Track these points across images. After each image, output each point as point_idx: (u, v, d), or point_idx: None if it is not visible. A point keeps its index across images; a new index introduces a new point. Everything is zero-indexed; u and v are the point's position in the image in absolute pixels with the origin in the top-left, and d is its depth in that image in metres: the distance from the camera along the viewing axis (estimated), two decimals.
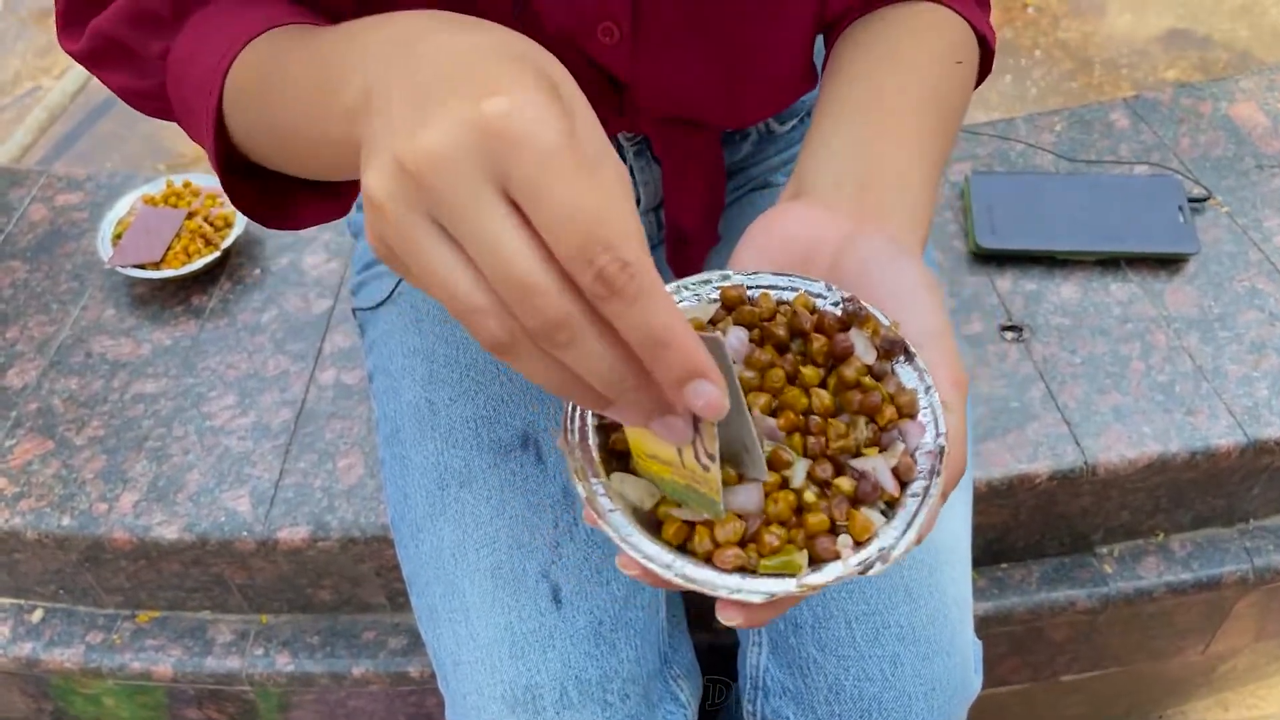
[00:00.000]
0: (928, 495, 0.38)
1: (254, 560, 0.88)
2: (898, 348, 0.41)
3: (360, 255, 0.84)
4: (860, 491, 0.38)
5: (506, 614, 0.66)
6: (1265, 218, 1.01)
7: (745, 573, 0.36)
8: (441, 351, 0.75)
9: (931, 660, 0.67)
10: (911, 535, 0.37)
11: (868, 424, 0.40)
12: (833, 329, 0.42)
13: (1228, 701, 1.38)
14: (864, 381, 0.41)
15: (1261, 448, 0.86)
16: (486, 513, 0.69)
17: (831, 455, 0.39)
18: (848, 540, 0.37)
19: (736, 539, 0.37)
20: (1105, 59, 2.35)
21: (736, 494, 0.38)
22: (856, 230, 0.46)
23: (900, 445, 0.39)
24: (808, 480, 0.39)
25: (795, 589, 0.36)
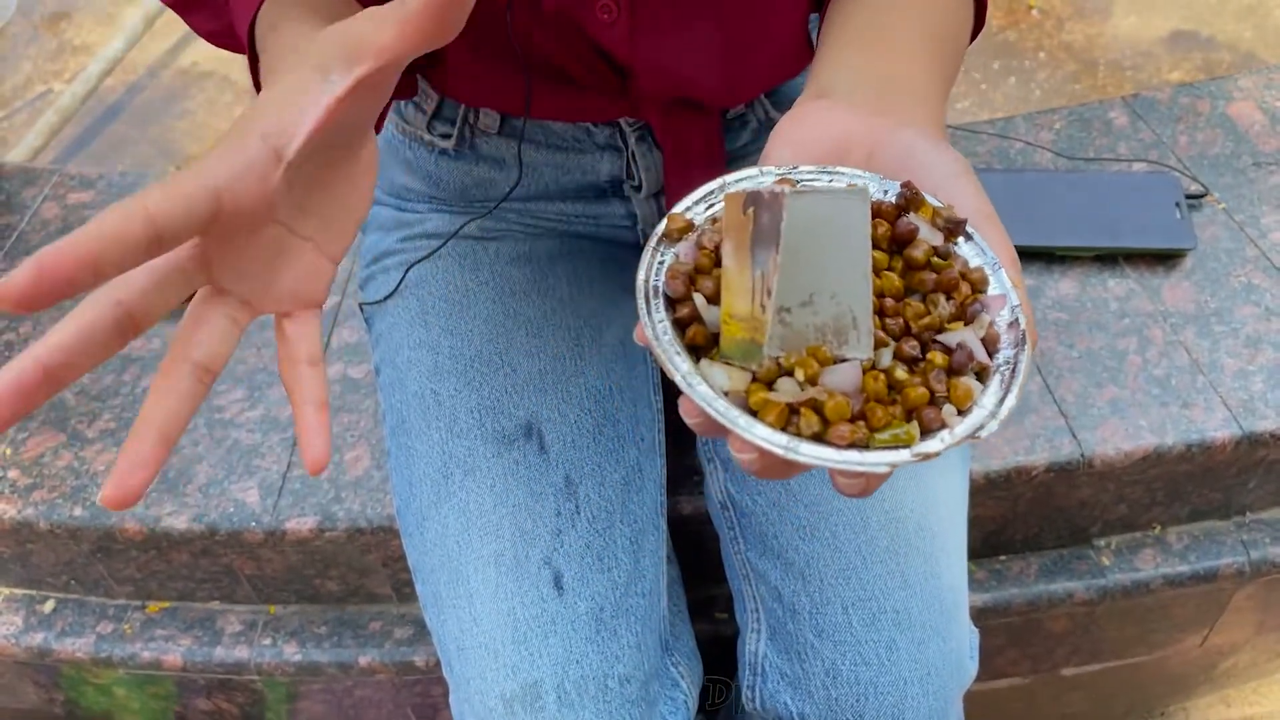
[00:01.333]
0: (1019, 362, 0.38)
1: (262, 551, 0.90)
2: (960, 228, 0.42)
3: (368, 250, 0.86)
4: (956, 361, 0.38)
5: (509, 600, 0.67)
6: (1262, 214, 1.02)
7: (859, 448, 0.36)
8: (446, 344, 0.76)
9: (927, 645, 0.68)
10: (1012, 399, 0.37)
11: (948, 300, 0.40)
12: (891, 214, 0.42)
13: (1229, 698, 1.38)
14: (934, 261, 0.41)
15: (1257, 440, 0.86)
16: (490, 501, 0.70)
17: (917, 334, 0.39)
18: (951, 409, 0.37)
19: (846, 415, 0.36)
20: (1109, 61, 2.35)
21: (834, 374, 0.38)
22: (886, 125, 0.46)
23: (986, 317, 0.40)
24: (896, 360, 0.39)
25: (911, 458, 0.36)
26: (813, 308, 0.39)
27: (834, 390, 0.37)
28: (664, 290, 0.40)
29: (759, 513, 0.74)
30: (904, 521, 0.70)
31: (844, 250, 0.38)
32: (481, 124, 0.75)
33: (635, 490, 0.74)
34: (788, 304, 0.38)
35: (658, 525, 0.76)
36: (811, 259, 0.39)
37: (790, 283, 0.38)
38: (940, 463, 0.73)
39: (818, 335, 0.39)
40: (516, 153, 0.74)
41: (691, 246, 0.42)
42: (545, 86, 0.70)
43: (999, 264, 0.41)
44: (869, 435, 0.36)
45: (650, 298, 0.40)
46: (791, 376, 0.38)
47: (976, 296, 0.40)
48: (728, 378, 0.38)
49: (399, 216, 0.84)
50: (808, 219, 0.38)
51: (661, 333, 0.39)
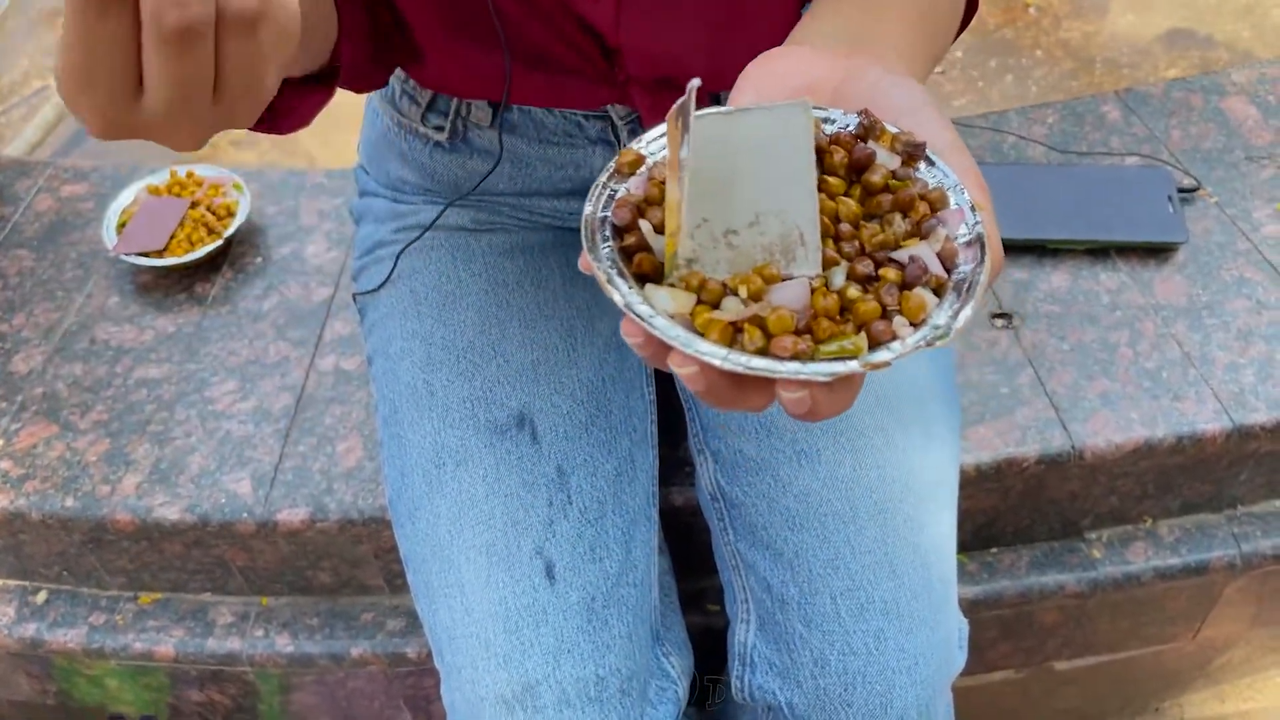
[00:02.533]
0: (976, 277, 0.37)
1: (254, 542, 0.90)
2: (919, 151, 0.41)
3: (362, 240, 0.86)
4: (909, 275, 0.38)
5: (500, 590, 0.68)
6: (1254, 208, 1.02)
7: (803, 360, 0.35)
8: (439, 334, 0.76)
9: (914, 635, 0.68)
10: (968, 310, 0.36)
11: (903, 219, 0.40)
12: (849, 142, 0.42)
13: (1224, 694, 1.38)
14: (891, 183, 0.40)
15: (1247, 433, 0.87)
16: (482, 491, 0.70)
17: (871, 252, 0.39)
18: (903, 321, 0.37)
19: (789, 328, 0.36)
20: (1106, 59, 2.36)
21: (781, 291, 0.37)
22: (853, 64, 0.46)
23: (942, 230, 0.39)
24: (849, 280, 0.38)
25: (859, 367, 0.35)
26: (759, 227, 0.38)
27: (779, 306, 0.37)
28: (610, 220, 0.40)
29: (749, 504, 0.74)
30: (893, 513, 0.70)
31: (787, 167, 0.38)
32: (474, 117, 0.75)
33: (627, 481, 0.74)
34: (735, 226, 0.38)
35: (649, 516, 0.76)
36: (754, 179, 0.38)
37: (734, 205, 0.38)
38: (930, 455, 0.73)
39: (765, 255, 0.38)
40: (498, 140, 0.74)
41: (642, 180, 0.42)
42: (529, 71, 0.70)
43: (961, 186, 0.41)
44: (814, 348, 0.36)
45: (597, 229, 0.40)
46: (736, 296, 0.37)
47: (934, 214, 0.40)
48: (672, 300, 0.37)
49: (393, 208, 0.84)
50: (745, 137, 0.38)
51: (605, 257, 0.39)
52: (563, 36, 0.66)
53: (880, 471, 0.71)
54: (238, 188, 1.09)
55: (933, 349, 0.36)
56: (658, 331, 0.36)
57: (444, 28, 0.69)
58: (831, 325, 0.36)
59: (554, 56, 0.68)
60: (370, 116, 0.85)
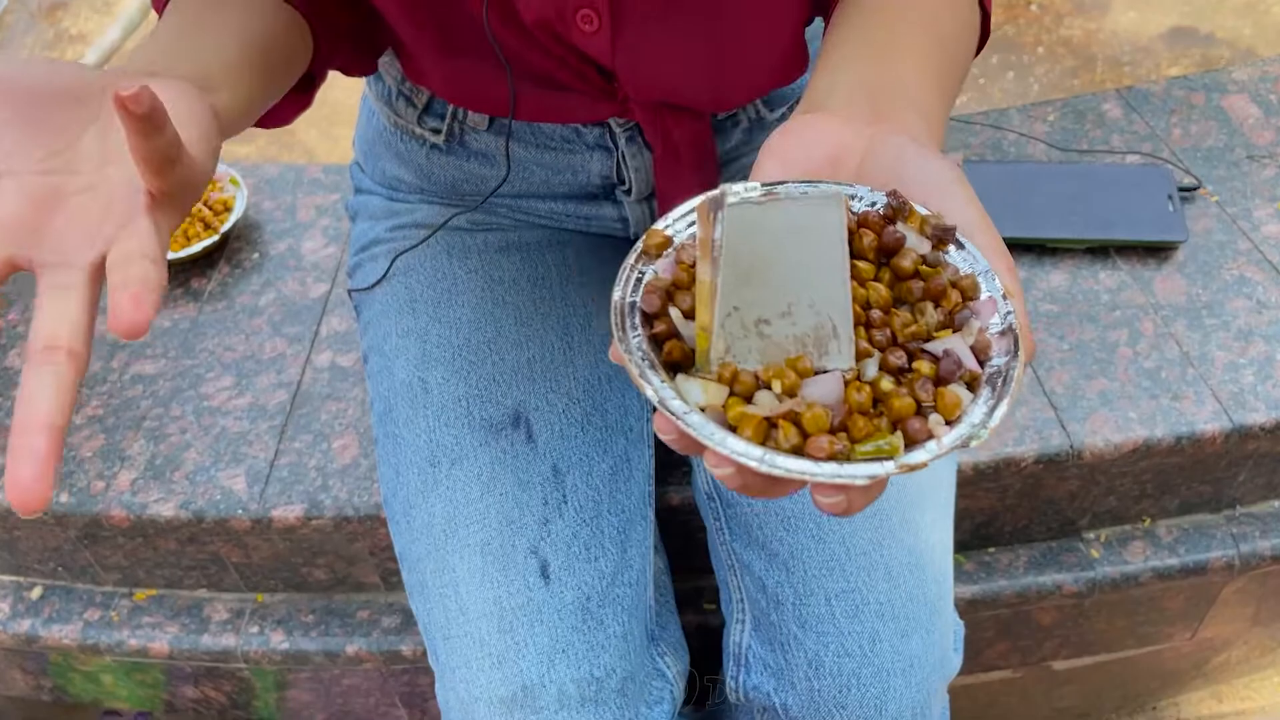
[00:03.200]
0: (1010, 370, 0.37)
1: (249, 538, 0.89)
2: (950, 235, 0.40)
3: (357, 237, 0.86)
4: (944, 370, 0.37)
5: (495, 589, 0.67)
6: (1255, 207, 1.02)
7: (839, 461, 0.35)
8: (434, 332, 0.76)
9: (909, 637, 0.68)
10: (1004, 408, 0.36)
11: (935, 309, 0.39)
12: (878, 225, 0.41)
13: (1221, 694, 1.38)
14: (922, 270, 0.40)
15: (1246, 434, 0.86)
16: (477, 490, 0.70)
17: (903, 343, 0.38)
18: (939, 419, 0.36)
19: (825, 426, 0.35)
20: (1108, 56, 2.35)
21: (814, 385, 0.36)
22: (877, 133, 0.45)
23: (975, 323, 0.38)
24: (881, 371, 0.37)
25: (895, 469, 0.34)
26: (791, 318, 0.38)
27: (814, 402, 0.36)
28: (640, 306, 0.39)
29: (744, 504, 0.74)
30: (888, 515, 0.70)
31: (821, 258, 0.37)
32: (471, 121, 0.75)
33: (623, 480, 0.74)
34: (766, 315, 0.38)
35: (645, 515, 0.76)
36: (787, 269, 0.38)
37: (766, 294, 0.38)
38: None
39: (798, 347, 0.38)
40: (505, 149, 0.73)
41: (670, 262, 0.41)
42: (529, 89, 0.69)
43: (992, 272, 0.40)
44: (850, 447, 0.35)
45: (626, 314, 0.39)
46: (769, 389, 0.37)
47: (966, 304, 0.39)
48: (704, 392, 0.37)
49: (389, 206, 0.83)
50: (778, 226, 0.37)
51: (636, 348, 0.38)
52: (561, 62, 0.66)
53: None
54: (234, 183, 1.08)
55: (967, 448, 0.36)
56: (692, 430, 0.35)
57: (443, 52, 0.68)
58: (868, 424, 0.36)
59: (554, 78, 0.68)
60: (366, 114, 0.84)
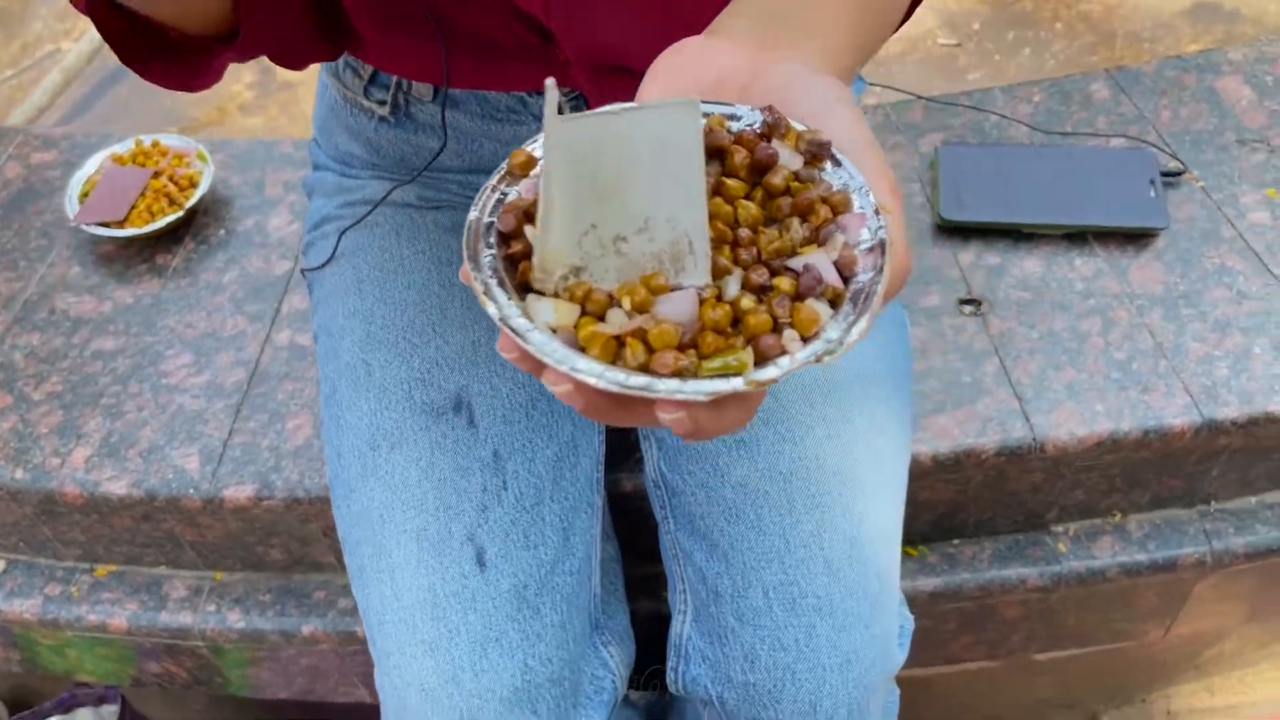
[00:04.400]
0: (875, 286, 0.36)
1: (201, 518, 0.89)
2: (824, 150, 0.39)
3: (311, 215, 0.85)
4: (803, 285, 0.36)
5: (430, 575, 0.67)
6: (1241, 193, 0.98)
7: (685, 377, 0.34)
8: (380, 313, 0.75)
9: (848, 632, 0.67)
10: (863, 323, 0.35)
11: (801, 224, 0.38)
12: (752, 142, 0.40)
13: (1214, 687, 1.36)
14: (793, 186, 0.39)
15: (1217, 428, 0.84)
16: (415, 475, 0.69)
17: (766, 260, 0.37)
18: (794, 335, 0.35)
19: (673, 343, 0.34)
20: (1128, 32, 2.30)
21: (667, 303, 0.35)
22: (767, 58, 0.43)
23: (840, 237, 0.37)
24: (743, 290, 0.36)
25: (743, 385, 0.33)
26: (649, 234, 0.36)
27: (663, 318, 0.35)
28: (496, 226, 0.38)
29: (688, 493, 0.72)
30: (831, 506, 0.68)
31: (677, 170, 0.36)
32: (416, 91, 0.74)
33: (569, 466, 0.73)
34: (624, 232, 0.36)
35: (592, 503, 0.75)
36: (643, 181, 0.36)
37: (623, 209, 0.36)
38: (875, 444, 0.70)
39: (655, 263, 0.36)
40: (443, 119, 0.72)
41: (534, 183, 0.39)
42: (467, 56, 0.68)
43: (867, 188, 0.38)
44: (697, 364, 0.34)
45: (481, 235, 0.38)
46: (621, 308, 0.36)
47: (835, 219, 0.38)
48: (554, 312, 0.36)
49: (341, 182, 0.82)
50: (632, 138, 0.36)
51: (487, 266, 0.37)
52: (498, 22, 0.64)
53: (820, 463, 0.69)
54: (202, 158, 1.07)
55: (821, 364, 0.34)
56: (532, 347, 0.34)
57: (376, 16, 0.67)
58: (717, 340, 0.34)
59: (492, 41, 0.66)
60: (321, 88, 0.83)
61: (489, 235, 0.38)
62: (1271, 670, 1.37)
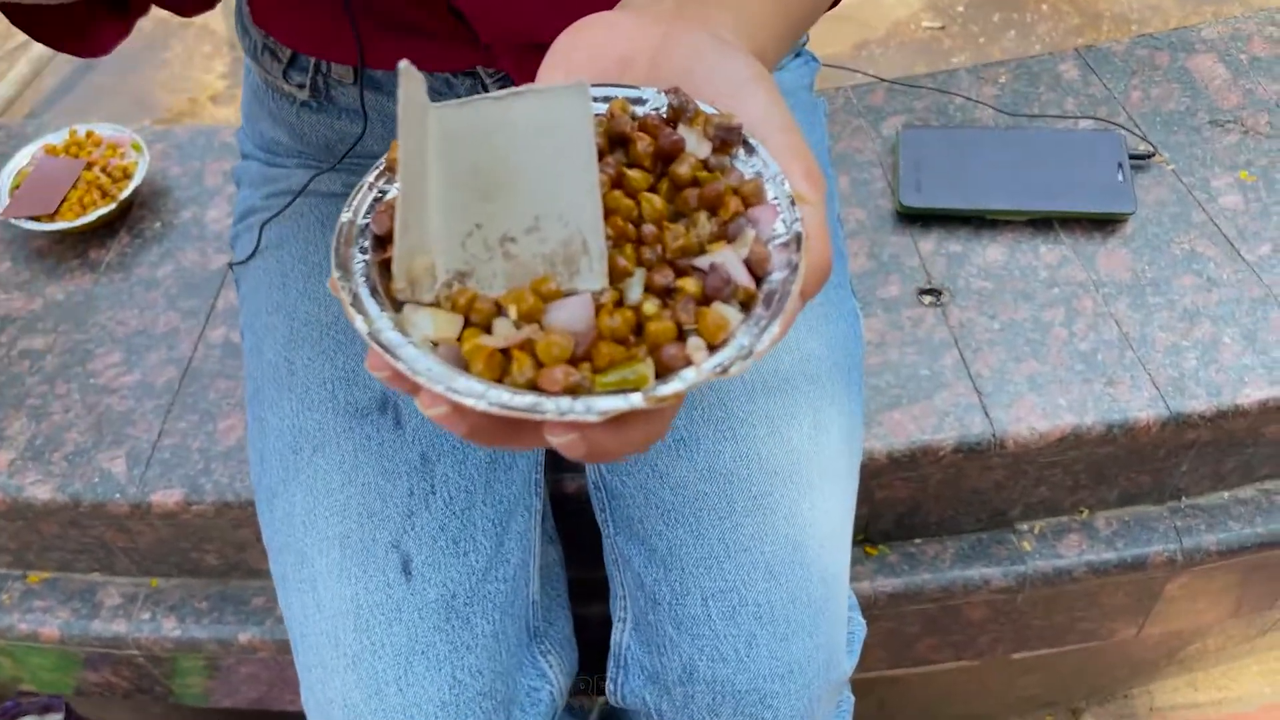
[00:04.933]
0: (789, 285, 0.32)
1: (130, 523, 0.86)
2: (735, 136, 0.36)
3: (238, 206, 0.81)
4: (709, 287, 0.32)
5: (353, 585, 0.63)
6: (1213, 176, 0.95)
7: (578, 394, 0.30)
8: (303, 309, 0.71)
9: (790, 641, 0.63)
10: (776, 327, 0.31)
11: (710, 219, 0.34)
12: (657, 128, 0.36)
13: (1197, 682, 1.34)
14: (700, 176, 0.35)
15: (1185, 422, 0.80)
16: (338, 479, 0.65)
17: (671, 259, 0.34)
18: (700, 343, 0.32)
19: (564, 356, 0.31)
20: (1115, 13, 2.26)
21: (560, 310, 0.32)
22: (672, 30, 0.40)
23: (750, 232, 0.34)
24: (646, 293, 0.33)
25: (641, 402, 0.30)
26: (539, 234, 0.33)
27: (557, 329, 0.31)
28: (370, 228, 0.34)
29: (627, 495, 0.69)
30: (773, 509, 0.65)
31: (566, 162, 0.32)
32: (336, 74, 0.70)
33: (503, 469, 0.69)
34: (512, 232, 0.33)
35: (529, 506, 0.71)
36: (531, 175, 0.33)
37: (510, 207, 0.33)
38: (821, 442, 0.67)
39: (547, 266, 0.33)
40: (361, 101, 0.68)
41: None
42: (382, 35, 0.64)
43: (783, 176, 0.35)
44: (592, 379, 0.31)
45: (353, 240, 0.34)
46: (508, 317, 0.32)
47: (745, 212, 0.34)
48: (434, 324, 0.32)
49: (265, 172, 0.79)
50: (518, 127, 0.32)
51: (359, 273, 0.33)
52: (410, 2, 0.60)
53: (762, 463, 0.65)
54: (136, 148, 1.04)
55: (729, 376, 0.31)
56: (403, 365, 0.30)
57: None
58: (613, 350, 0.31)
59: (406, 20, 0.62)
60: (245, 73, 0.80)
61: (362, 239, 0.34)
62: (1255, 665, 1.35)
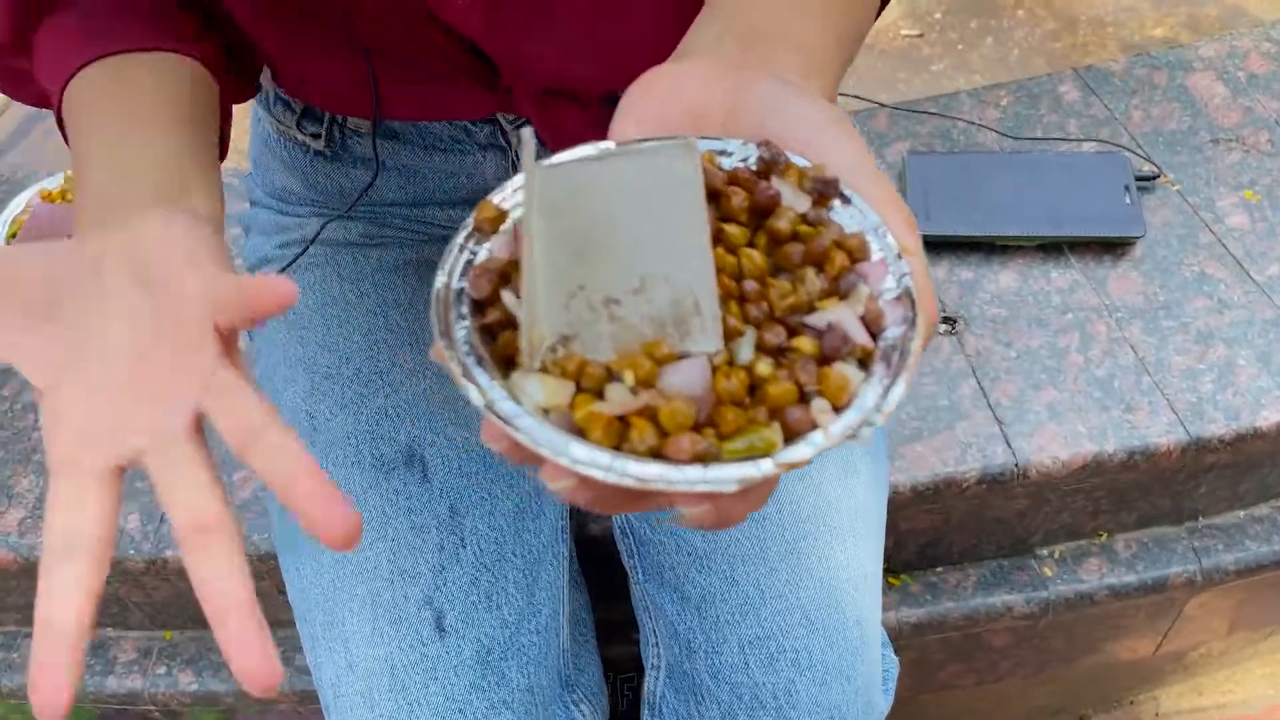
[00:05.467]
0: (908, 342, 0.32)
1: (145, 579, 0.84)
2: (832, 188, 0.35)
3: (249, 254, 0.80)
4: (828, 346, 0.32)
5: (387, 645, 0.62)
6: (1218, 196, 0.95)
7: (707, 462, 0.29)
8: (323, 362, 0.70)
9: (828, 686, 0.63)
10: (901, 386, 0.31)
11: (818, 274, 0.34)
12: (750, 182, 0.35)
13: (1201, 687, 1.35)
14: (801, 230, 0.34)
15: (1204, 446, 0.81)
16: (367, 537, 0.65)
17: (781, 317, 0.33)
18: (824, 405, 0.31)
19: (688, 423, 0.30)
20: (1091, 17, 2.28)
21: (675, 373, 0.31)
22: (744, 78, 0.39)
23: (864, 289, 0.33)
24: (758, 353, 0.32)
25: (773, 469, 0.29)
26: (646, 295, 0.32)
27: (675, 394, 0.30)
28: (468, 292, 0.33)
29: (656, 541, 0.69)
30: (806, 552, 0.64)
31: (675, 221, 0.32)
32: (351, 123, 0.69)
33: (531, 518, 0.69)
34: (616, 294, 0.32)
35: (557, 553, 0.71)
36: (636, 235, 0.32)
37: (614, 268, 0.32)
38: (849, 483, 0.67)
39: (655, 329, 0.32)
40: (374, 149, 0.68)
41: (507, 240, 0.35)
42: (403, 84, 0.64)
43: (883, 228, 0.34)
44: (718, 446, 0.30)
45: (451, 304, 0.33)
46: (622, 382, 0.31)
47: (853, 267, 0.33)
48: (544, 391, 0.31)
49: (278, 220, 0.78)
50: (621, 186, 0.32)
51: (462, 343, 0.32)
52: (432, 46, 0.60)
53: (794, 508, 0.65)
54: None
55: (859, 440, 0.30)
56: (523, 436, 0.29)
57: (304, 50, 0.62)
58: (738, 416, 0.30)
59: (426, 67, 0.62)
60: (254, 121, 0.79)
61: (460, 304, 0.33)
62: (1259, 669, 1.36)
